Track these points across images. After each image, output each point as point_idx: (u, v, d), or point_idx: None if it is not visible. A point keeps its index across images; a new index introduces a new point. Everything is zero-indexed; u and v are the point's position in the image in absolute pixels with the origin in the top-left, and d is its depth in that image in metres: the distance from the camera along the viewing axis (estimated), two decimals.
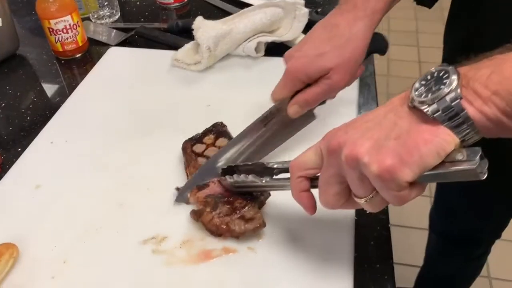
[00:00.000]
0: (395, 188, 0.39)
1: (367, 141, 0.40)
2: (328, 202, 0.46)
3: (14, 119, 0.81)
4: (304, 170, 0.48)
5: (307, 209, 0.50)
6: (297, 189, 0.49)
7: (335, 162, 0.43)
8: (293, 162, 0.49)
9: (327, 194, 0.46)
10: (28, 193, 0.65)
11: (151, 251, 0.57)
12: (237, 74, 0.87)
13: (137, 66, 0.91)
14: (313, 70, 0.61)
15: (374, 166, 0.38)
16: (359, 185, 0.42)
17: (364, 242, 0.58)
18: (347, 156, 0.41)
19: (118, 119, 0.78)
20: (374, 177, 0.39)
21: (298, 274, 0.53)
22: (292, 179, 0.49)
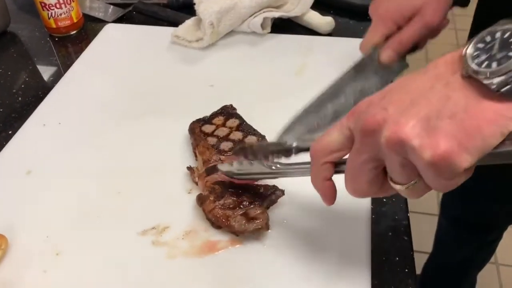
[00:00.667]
0: (449, 177, 0.33)
1: (414, 119, 0.33)
2: (358, 190, 0.41)
3: (4, 100, 0.76)
4: (330, 153, 0.41)
5: (327, 200, 0.44)
6: (320, 177, 0.43)
7: (371, 145, 0.36)
8: (315, 146, 0.43)
9: (359, 181, 0.39)
10: (18, 179, 0.61)
11: (151, 242, 0.52)
12: (241, 52, 0.82)
13: (135, 44, 0.85)
14: (406, 8, 0.61)
15: (426, 152, 0.32)
16: (401, 171, 0.36)
17: (382, 233, 0.53)
18: (390, 139, 0.34)
19: (115, 100, 0.73)
20: (426, 164, 0.33)
21: (310, 270, 0.49)
22: (315, 165, 0.43)
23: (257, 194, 0.53)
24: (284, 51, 0.81)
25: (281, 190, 0.54)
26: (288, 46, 0.82)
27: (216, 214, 0.52)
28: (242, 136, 0.60)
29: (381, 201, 0.57)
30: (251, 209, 0.52)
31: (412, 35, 0.61)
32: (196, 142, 0.61)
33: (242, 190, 0.54)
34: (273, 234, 0.52)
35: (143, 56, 0.82)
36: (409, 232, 0.54)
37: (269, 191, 0.54)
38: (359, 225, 0.53)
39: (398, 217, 0.55)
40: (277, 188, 0.54)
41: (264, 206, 0.53)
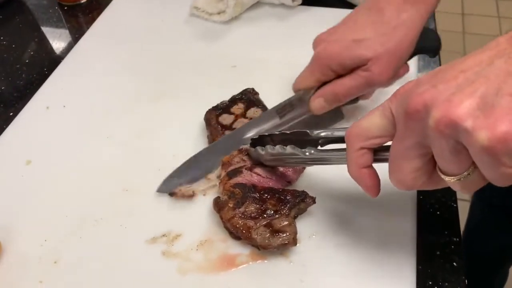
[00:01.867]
0: (510, 164, 0.28)
1: (469, 98, 0.29)
2: (403, 181, 0.36)
3: (7, 76, 0.70)
4: (368, 139, 0.37)
5: (369, 190, 0.39)
6: (357, 164, 0.39)
7: (418, 128, 0.32)
8: (351, 129, 0.38)
9: (403, 171, 0.35)
10: (16, 170, 0.54)
11: (160, 253, 0.46)
12: (269, 27, 0.72)
13: (150, 15, 0.77)
14: (349, 57, 0.49)
15: (482, 133, 0.28)
16: (452, 159, 0.31)
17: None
18: (440, 120, 0.29)
19: (126, 81, 0.65)
20: (481, 148, 0.28)
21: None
22: (351, 151, 0.38)
23: (283, 201, 0.46)
24: (318, 26, 0.70)
25: (311, 198, 0.46)
26: (322, 21, 0.71)
27: (235, 224, 0.45)
28: None
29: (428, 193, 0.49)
30: (276, 220, 0.45)
31: (350, 89, 0.51)
32: (212, 136, 0.54)
33: (266, 196, 0.47)
34: (300, 249, 0.45)
35: (159, 29, 0.74)
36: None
37: (297, 198, 0.46)
38: (403, 235, 0.46)
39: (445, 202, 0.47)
40: (307, 195, 0.46)
41: (291, 216, 0.45)
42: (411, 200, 0.48)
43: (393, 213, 0.47)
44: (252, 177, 0.48)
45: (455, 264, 0.45)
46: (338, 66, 0.50)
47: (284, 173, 0.49)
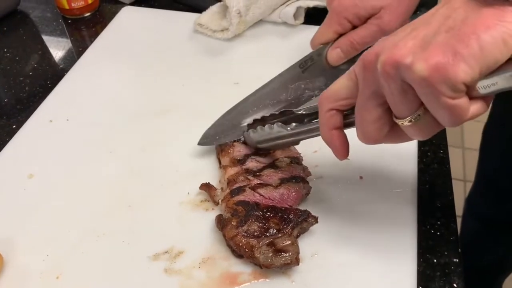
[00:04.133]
0: (448, 93, 0.30)
1: (411, 40, 0.32)
2: (367, 134, 0.38)
3: (10, 88, 0.70)
4: (336, 100, 0.40)
5: (338, 152, 0.42)
6: (327, 125, 0.41)
7: (372, 78, 0.35)
8: (322, 94, 0.41)
9: (366, 123, 0.37)
10: (19, 183, 0.54)
11: (163, 270, 0.46)
12: (271, 45, 0.73)
13: (154, 30, 0.78)
14: (363, 7, 0.55)
15: (419, 65, 0.30)
16: (402, 100, 0.33)
17: None
18: (385, 62, 0.33)
19: (129, 95, 0.66)
20: (420, 80, 0.31)
21: None
22: (322, 113, 0.41)
23: (286, 220, 0.46)
24: None
25: (314, 217, 0.47)
26: None
27: (238, 242, 0.45)
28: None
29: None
30: (279, 239, 0.45)
31: (365, 38, 0.55)
32: (221, 147, 0.54)
33: (269, 214, 0.47)
34: (302, 268, 0.45)
35: (162, 45, 0.74)
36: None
37: (300, 217, 0.46)
38: (403, 256, 0.46)
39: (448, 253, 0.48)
40: (310, 214, 0.47)
41: (293, 235, 0.46)
42: (411, 220, 0.49)
43: (394, 232, 0.48)
44: (254, 197, 0.49)
45: (455, 285, 0.45)
46: (354, 16, 0.55)
47: (287, 196, 0.49)
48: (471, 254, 1.14)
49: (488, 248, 1.08)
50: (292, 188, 0.49)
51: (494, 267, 1.14)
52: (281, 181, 0.50)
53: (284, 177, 0.51)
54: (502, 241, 1.04)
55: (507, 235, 1.02)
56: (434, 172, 0.55)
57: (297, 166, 0.52)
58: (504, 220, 0.99)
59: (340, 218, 0.49)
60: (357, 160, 0.55)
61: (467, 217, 1.09)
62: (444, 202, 0.52)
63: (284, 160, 0.52)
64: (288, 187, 0.49)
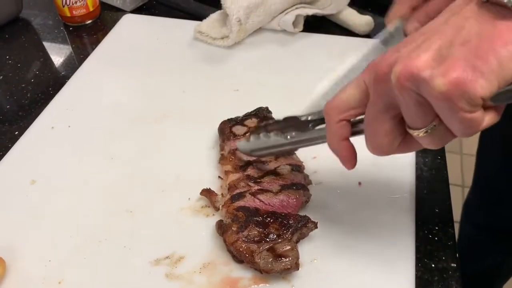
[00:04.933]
0: (466, 108, 0.30)
1: (425, 52, 0.32)
2: (379, 146, 0.38)
3: (12, 95, 0.71)
4: (346, 110, 0.39)
5: (347, 161, 0.42)
6: (337, 136, 0.40)
7: (385, 90, 0.35)
8: (329, 103, 0.40)
9: (378, 135, 0.37)
10: (21, 189, 0.55)
11: (164, 275, 0.46)
12: (271, 53, 0.74)
13: (155, 38, 0.78)
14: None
15: (438, 80, 0.30)
16: (417, 112, 0.33)
17: None
18: (400, 75, 0.32)
19: (130, 102, 0.66)
20: (438, 94, 0.30)
21: None
22: (330, 124, 0.40)
23: (286, 226, 0.47)
24: (318, 52, 0.73)
25: (313, 222, 0.47)
26: (322, 47, 0.74)
27: (238, 247, 0.46)
28: None
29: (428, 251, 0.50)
30: (279, 244, 0.45)
31: (439, 6, 0.55)
32: (224, 144, 0.56)
33: (269, 220, 0.47)
34: (302, 273, 0.46)
35: (163, 52, 0.75)
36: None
37: (299, 223, 0.47)
38: (402, 261, 0.47)
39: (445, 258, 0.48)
40: (309, 220, 0.47)
41: (293, 240, 0.46)
42: (410, 225, 0.50)
43: (392, 238, 0.49)
44: (254, 202, 0.49)
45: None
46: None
47: (286, 203, 0.50)
48: (468, 260, 1.15)
49: (486, 254, 1.08)
50: (292, 194, 0.50)
51: (492, 273, 1.14)
52: (282, 188, 0.51)
53: (284, 184, 0.51)
54: (499, 247, 1.04)
55: (504, 241, 1.02)
56: (431, 178, 0.56)
57: (298, 174, 0.52)
58: (501, 225, 0.99)
59: (339, 223, 0.50)
60: (356, 167, 0.55)
61: (464, 222, 1.09)
62: (441, 207, 0.53)
63: (286, 167, 0.52)
64: (288, 194, 0.50)
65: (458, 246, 1.15)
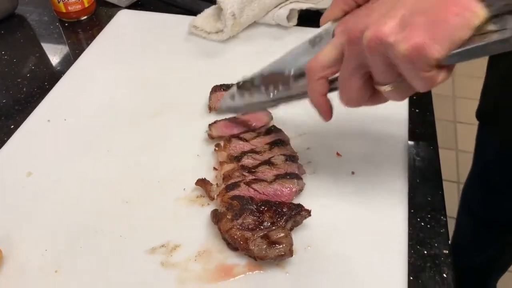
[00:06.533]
0: (425, 68, 0.36)
1: (391, 19, 0.36)
2: (351, 99, 0.43)
3: (8, 89, 0.71)
4: (324, 69, 0.44)
5: (325, 114, 0.47)
6: (317, 92, 0.46)
7: (357, 51, 0.39)
8: (310, 62, 0.45)
9: (351, 90, 0.43)
10: (17, 181, 0.55)
11: (160, 263, 0.47)
12: (265, 46, 0.75)
13: (150, 33, 0.79)
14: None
15: (401, 45, 0.35)
16: (384, 71, 0.39)
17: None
18: (370, 39, 0.37)
19: (126, 95, 0.67)
20: (402, 57, 0.36)
21: None
22: (312, 81, 0.45)
23: (279, 214, 0.47)
24: None
25: (307, 210, 0.48)
26: None
27: (233, 235, 0.46)
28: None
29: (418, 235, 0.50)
30: (273, 232, 0.46)
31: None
32: (218, 143, 0.57)
33: (263, 208, 0.48)
34: (296, 260, 0.47)
35: (158, 46, 0.76)
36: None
37: (293, 211, 0.48)
38: (395, 248, 0.47)
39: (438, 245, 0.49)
40: (303, 208, 0.48)
41: (287, 228, 0.47)
42: (402, 213, 0.50)
43: (385, 226, 0.49)
44: (249, 192, 0.50)
45: (445, 275, 0.46)
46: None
47: (280, 192, 0.51)
48: (465, 253, 1.15)
49: (482, 247, 1.09)
50: (286, 184, 0.51)
51: (488, 266, 1.15)
52: (276, 177, 0.51)
53: (279, 174, 0.52)
54: (496, 240, 1.05)
55: (501, 233, 1.03)
56: (424, 167, 0.56)
57: (292, 164, 0.53)
58: (498, 217, 1.00)
59: (332, 211, 0.51)
60: (349, 156, 0.56)
61: (461, 213, 1.10)
62: (434, 196, 0.53)
63: (280, 157, 0.53)
64: (282, 183, 0.51)
65: (455, 239, 1.16)
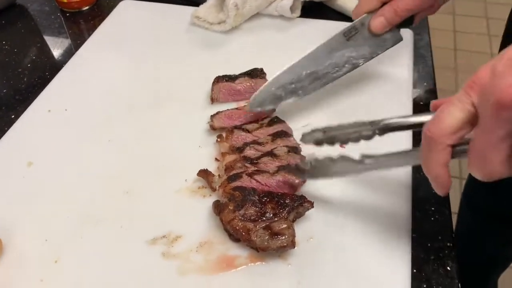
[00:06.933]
0: None
1: None
2: (491, 173, 0.35)
3: (9, 79, 0.70)
4: (453, 134, 0.36)
5: (444, 188, 0.39)
6: (440, 163, 0.38)
7: (510, 119, 0.32)
8: (433, 128, 0.37)
9: (493, 163, 0.34)
10: (18, 171, 0.55)
11: (161, 254, 0.47)
12: (268, 38, 0.74)
13: (152, 24, 0.78)
14: None
15: None
16: None
17: None
18: None
19: (127, 86, 0.66)
20: None
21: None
22: (436, 150, 0.37)
23: (282, 205, 0.47)
24: (315, 37, 0.72)
25: (309, 202, 0.48)
26: (319, 32, 0.73)
27: (235, 226, 0.46)
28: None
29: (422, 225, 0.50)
30: (275, 223, 0.46)
31: (408, 4, 0.56)
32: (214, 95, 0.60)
33: (265, 199, 0.48)
34: (298, 252, 0.46)
35: (160, 37, 0.75)
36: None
37: (296, 202, 0.47)
38: (398, 240, 0.47)
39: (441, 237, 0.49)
40: (306, 200, 0.48)
41: (289, 219, 0.46)
42: (406, 205, 0.50)
43: (389, 218, 0.49)
44: (251, 183, 0.49)
45: (448, 268, 0.46)
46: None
47: (283, 184, 0.50)
48: (467, 249, 1.15)
49: (484, 243, 1.08)
50: (288, 175, 0.50)
51: (489, 262, 1.14)
52: (278, 169, 0.51)
53: (281, 165, 0.51)
54: (498, 235, 1.05)
55: (503, 229, 1.02)
56: None
57: (295, 155, 0.52)
58: (500, 213, 0.99)
59: (335, 204, 0.50)
60: (353, 148, 0.55)
61: (463, 209, 1.09)
62: None
63: (283, 149, 0.52)
64: (285, 175, 0.50)
65: (457, 235, 1.15)
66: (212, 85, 0.63)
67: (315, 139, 0.48)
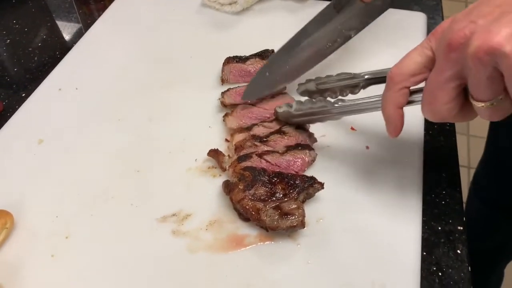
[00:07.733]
0: None
1: (506, 27, 0.31)
2: (438, 112, 0.38)
3: (20, 58, 0.71)
4: (411, 77, 0.39)
5: (395, 131, 0.42)
6: (395, 103, 0.41)
7: (457, 60, 0.34)
8: (394, 70, 0.40)
9: (439, 102, 0.37)
10: (29, 148, 0.55)
11: (171, 231, 0.47)
12: (279, 20, 0.73)
13: (162, 4, 0.78)
14: None
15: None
16: (487, 85, 0.34)
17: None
18: (480, 47, 0.32)
19: (137, 66, 0.66)
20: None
21: (349, 276, 0.43)
22: (392, 90, 0.40)
23: (292, 185, 0.47)
24: None
25: (320, 183, 0.47)
26: None
27: (245, 205, 0.46)
28: None
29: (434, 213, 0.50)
30: (285, 203, 0.45)
31: None
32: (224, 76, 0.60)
33: (275, 180, 0.47)
34: (308, 232, 0.46)
35: (171, 18, 0.75)
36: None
37: (306, 183, 0.47)
38: (408, 223, 0.46)
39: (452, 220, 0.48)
40: (316, 180, 0.47)
41: (299, 199, 0.46)
42: (417, 189, 0.49)
43: (399, 200, 0.48)
44: (261, 163, 0.49)
45: (459, 251, 0.46)
46: None
47: (293, 163, 0.50)
48: (474, 237, 1.14)
49: (492, 232, 1.08)
50: (298, 155, 0.50)
51: (497, 251, 1.14)
52: (287, 148, 0.51)
53: (290, 144, 0.51)
54: (506, 225, 1.04)
55: (511, 218, 1.02)
56: (440, 144, 0.55)
57: (303, 132, 0.52)
58: (509, 202, 0.99)
59: (346, 185, 0.50)
60: (363, 131, 0.55)
61: (472, 197, 1.09)
62: (449, 172, 0.52)
63: (291, 126, 0.52)
64: (294, 154, 0.50)
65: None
66: (222, 66, 0.62)
67: (309, 89, 0.52)
